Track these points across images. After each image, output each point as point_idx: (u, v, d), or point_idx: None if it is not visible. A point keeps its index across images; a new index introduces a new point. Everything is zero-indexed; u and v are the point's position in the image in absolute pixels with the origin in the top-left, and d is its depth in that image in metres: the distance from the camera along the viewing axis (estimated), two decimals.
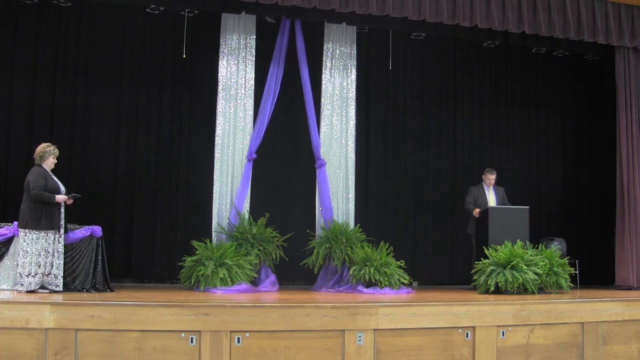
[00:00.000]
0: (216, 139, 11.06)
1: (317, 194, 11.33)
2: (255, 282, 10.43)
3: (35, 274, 8.50)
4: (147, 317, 7.05)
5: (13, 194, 10.04)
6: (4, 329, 6.86)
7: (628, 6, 11.84)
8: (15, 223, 8.82)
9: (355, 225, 11.26)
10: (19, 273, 8.47)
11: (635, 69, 12.00)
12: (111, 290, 9.21)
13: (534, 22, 11.26)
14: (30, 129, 11.45)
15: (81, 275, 9.08)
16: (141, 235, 11.93)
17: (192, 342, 7.06)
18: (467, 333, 7.95)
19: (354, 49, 11.78)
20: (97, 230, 9.26)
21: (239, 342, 7.16)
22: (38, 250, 8.54)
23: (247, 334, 7.19)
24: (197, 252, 10.16)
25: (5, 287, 8.83)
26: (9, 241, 8.94)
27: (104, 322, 6.95)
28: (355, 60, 11.75)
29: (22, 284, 8.44)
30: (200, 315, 7.12)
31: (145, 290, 9.87)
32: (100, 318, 6.95)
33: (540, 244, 10.91)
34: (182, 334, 7.06)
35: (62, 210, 8.84)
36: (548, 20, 11.32)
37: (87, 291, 8.96)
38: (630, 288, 11.36)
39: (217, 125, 11.08)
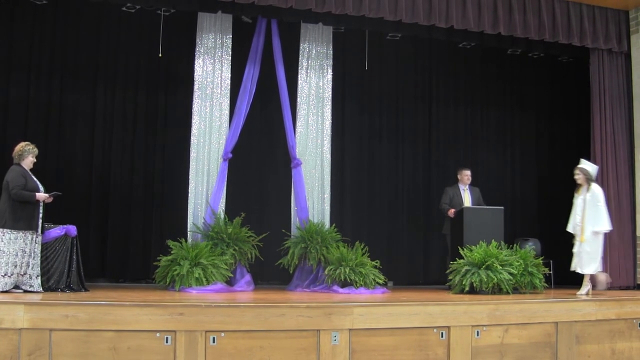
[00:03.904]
0: (192, 138, 11.04)
1: (292, 194, 11.35)
2: (230, 282, 10.42)
3: (12, 274, 8.42)
4: (121, 317, 7.01)
5: None
6: None
7: (602, 9, 11.97)
8: None
9: (331, 225, 11.28)
10: None
11: (609, 71, 12.13)
12: (86, 290, 9.16)
13: (510, 23, 11.36)
14: (4, 128, 11.34)
15: (56, 275, 9.01)
16: (116, 234, 11.85)
17: (167, 342, 7.03)
18: (442, 333, 7.97)
19: (330, 49, 11.80)
20: (72, 229, 9.20)
21: (214, 342, 7.14)
22: (15, 251, 8.47)
23: (222, 334, 7.17)
24: (172, 252, 10.12)
25: None
26: None
27: (79, 322, 6.91)
28: (331, 60, 11.78)
29: None
30: (175, 315, 7.09)
31: (120, 290, 9.82)
32: (75, 318, 6.91)
33: (514, 244, 10.96)
34: (157, 334, 7.03)
35: (41, 209, 8.78)
36: (523, 22, 11.41)
37: (62, 291, 8.90)
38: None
39: (192, 124, 11.06)
